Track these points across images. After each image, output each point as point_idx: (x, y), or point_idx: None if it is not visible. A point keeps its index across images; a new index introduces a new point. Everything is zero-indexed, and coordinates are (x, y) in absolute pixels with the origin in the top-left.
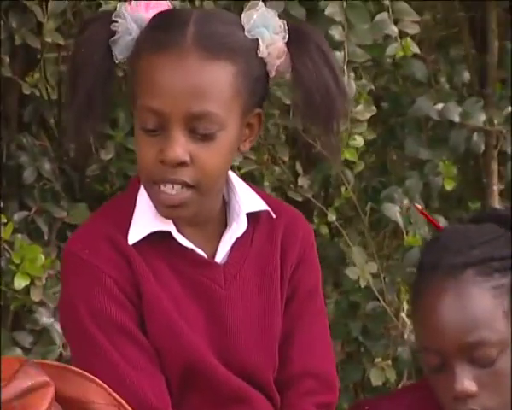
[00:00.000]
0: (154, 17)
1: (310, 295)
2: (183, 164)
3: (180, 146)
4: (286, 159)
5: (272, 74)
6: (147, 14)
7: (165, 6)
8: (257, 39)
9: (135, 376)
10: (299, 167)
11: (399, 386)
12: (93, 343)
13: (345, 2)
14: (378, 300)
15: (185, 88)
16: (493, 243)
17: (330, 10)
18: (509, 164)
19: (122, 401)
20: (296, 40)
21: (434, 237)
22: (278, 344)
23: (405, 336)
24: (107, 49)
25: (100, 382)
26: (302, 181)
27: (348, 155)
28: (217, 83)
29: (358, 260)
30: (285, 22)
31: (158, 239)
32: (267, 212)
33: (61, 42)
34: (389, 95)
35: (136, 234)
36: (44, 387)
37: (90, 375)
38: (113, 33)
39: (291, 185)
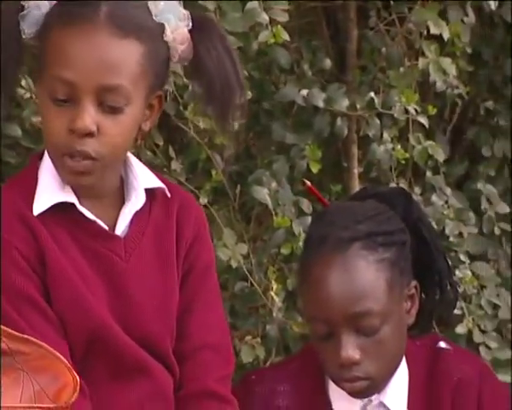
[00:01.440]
0: None
1: (205, 271)
2: (90, 135)
3: (89, 116)
4: (160, 143)
5: (175, 59)
6: None
7: None
8: (163, 24)
9: None
10: (171, 152)
11: (268, 363)
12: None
13: None
14: (245, 280)
15: (97, 61)
16: (377, 218)
17: None
18: (371, 147)
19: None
20: (200, 29)
21: (321, 212)
22: (176, 317)
23: (274, 315)
24: (17, 25)
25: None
26: (175, 165)
27: (223, 140)
28: (127, 59)
29: (229, 241)
30: (189, 12)
31: (61, 211)
32: (162, 190)
33: None
34: (253, 81)
35: (40, 205)
36: None
37: None
38: (22, 9)
39: (164, 169)
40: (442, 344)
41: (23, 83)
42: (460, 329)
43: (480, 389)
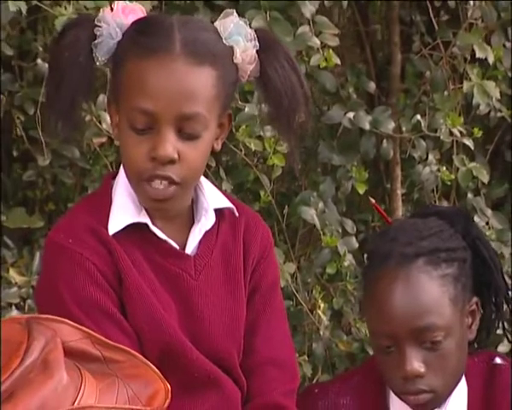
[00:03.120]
0: (137, 22)
1: (271, 288)
2: (172, 161)
3: (171, 144)
4: (212, 165)
5: (244, 79)
6: (126, 18)
7: (139, 10)
8: (232, 46)
9: None
10: (222, 173)
11: (314, 380)
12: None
13: (268, 16)
14: (291, 299)
15: (177, 90)
16: (439, 235)
17: (255, 24)
18: (416, 168)
19: (92, 333)
20: (266, 47)
21: (384, 229)
22: (243, 333)
23: (321, 333)
24: (89, 52)
25: (69, 321)
26: (225, 186)
27: (276, 161)
28: (203, 86)
29: (278, 260)
30: (254, 31)
31: (134, 231)
32: (230, 209)
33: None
34: None
35: (115, 225)
36: (54, 337)
37: (59, 318)
38: (95, 37)
39: None
40: (498, 360)
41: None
42: (501, 348)
43: None
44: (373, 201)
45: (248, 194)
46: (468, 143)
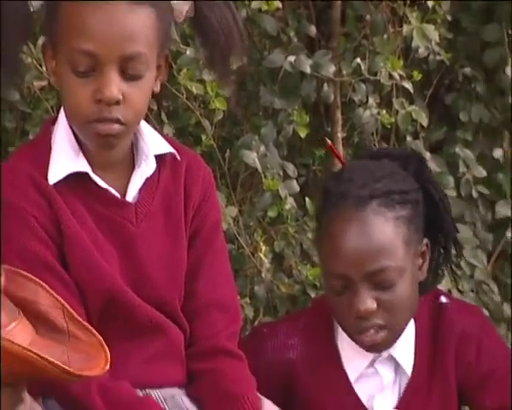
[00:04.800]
0: None
1: (213, 231)
2: (117, 102)
3: (116, 85)
4: (154, 108)
5: (180, 19)
6: None
7: None
8: None
9: None
10: (164, 116)
11: (256, 323)
12: None
13: None
14: (233, 243)
15: (118, 31)
16: (393, 177)
17: None
18: (356, 112)
19: (65, 304)
20: None
21: (339, 170)
22: (184, 277)
23: (263, 275)
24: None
25: (46, 286)
26: (167, 130)
27: (218, 105)
28: (144, 26)
29: (220, 204)
30: None
31: (74, 180)
32: (171, 154)
33: None
34: None
35: (55, 175)
36: None
37: (38, 280)
38: None
39: None
40: (443, 299)
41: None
42: (445, 286)
43: (479, 339)
44: (329, 142)
45: (190, 138)
46: (408, 86)
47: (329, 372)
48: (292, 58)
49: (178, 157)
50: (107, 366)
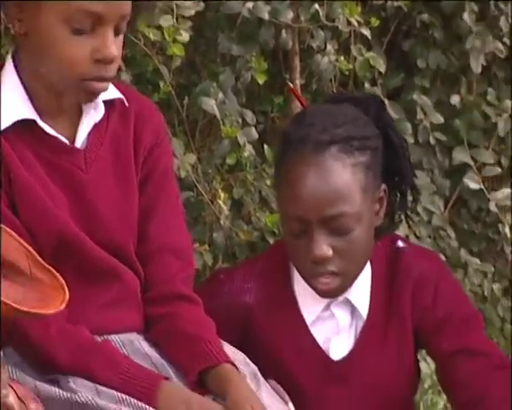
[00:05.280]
0: None
1: (164, 176)
2: (114, 60)
3: (114, 45)
4: None
5: None
6: None
7: None
8: None
9: None
10: (121, 63)
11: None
12: None
13: None
14: (192, 190)
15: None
16: (354, 122)
17: None
18: (314, 58)
19: (30, 248)
20: None
21: (299, 113)
22: (137, 222)
23: (221, 222)
24: None
25: (10, 231)
26: (124, 76)
27: (176, 51)
28: None
29: (178, 151)
30: None
31: (23, 128)
32: (120, 99)
33: None
34: None
35: (3, 122)
36: None
37: (10, 230)
38: None
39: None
40: (400, 243)
41: None
42: (401, 232)
43: (436, 283)
44: (291, 85)
45: (148, 85)
46: (366, 32)
47: (286, 315)
48: (250, 4)
49: (127, 103)
50: (62, 306)
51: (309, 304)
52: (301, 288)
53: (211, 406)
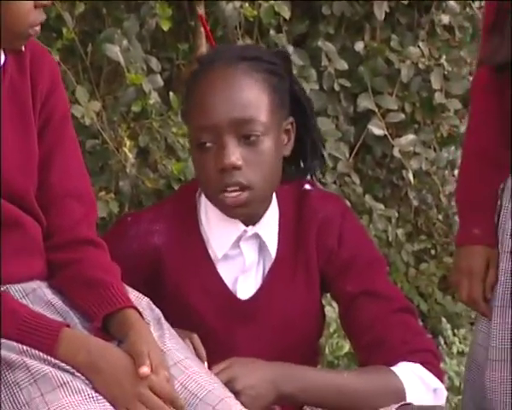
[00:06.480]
0: None
1: (63, 121)
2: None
3: None
4: None
5: None
6: None
7: None
8: None
9: None
10: None
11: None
12: None
13: None
14: (97, 138)
15: None
16: (262, 50)
17: None
18: (218, 6)
19: None
20: None
21: (208, 50)
22: (37, 169)
23: (127, 171)
24: None
25: None
26: None
27: None
28: None
29: (82, 99)
30: None
31: None
32: None
33: None
34: None
35: None
36: None
37: None
38: None
39: None
40: (307, 186)
41: None
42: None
43: (340, 226)
44: (202, 14)
45: (51, 32)
46: None
47: (193, 256)
48: None
49: (22, 48)
50: None
51: (217, 241)
52: (209, 227)
53: (112, 351)
